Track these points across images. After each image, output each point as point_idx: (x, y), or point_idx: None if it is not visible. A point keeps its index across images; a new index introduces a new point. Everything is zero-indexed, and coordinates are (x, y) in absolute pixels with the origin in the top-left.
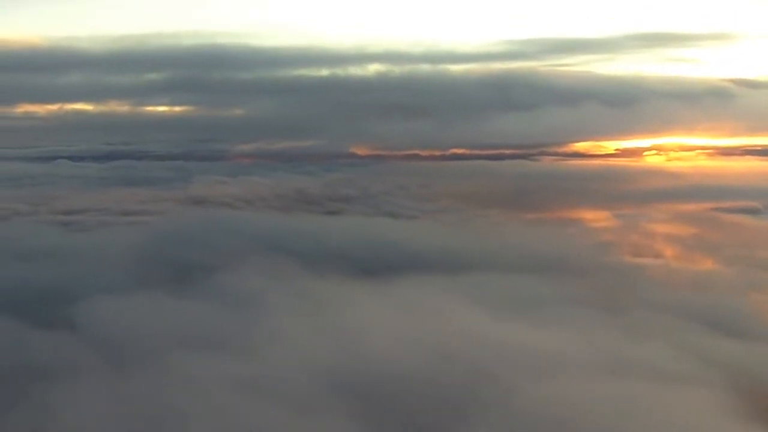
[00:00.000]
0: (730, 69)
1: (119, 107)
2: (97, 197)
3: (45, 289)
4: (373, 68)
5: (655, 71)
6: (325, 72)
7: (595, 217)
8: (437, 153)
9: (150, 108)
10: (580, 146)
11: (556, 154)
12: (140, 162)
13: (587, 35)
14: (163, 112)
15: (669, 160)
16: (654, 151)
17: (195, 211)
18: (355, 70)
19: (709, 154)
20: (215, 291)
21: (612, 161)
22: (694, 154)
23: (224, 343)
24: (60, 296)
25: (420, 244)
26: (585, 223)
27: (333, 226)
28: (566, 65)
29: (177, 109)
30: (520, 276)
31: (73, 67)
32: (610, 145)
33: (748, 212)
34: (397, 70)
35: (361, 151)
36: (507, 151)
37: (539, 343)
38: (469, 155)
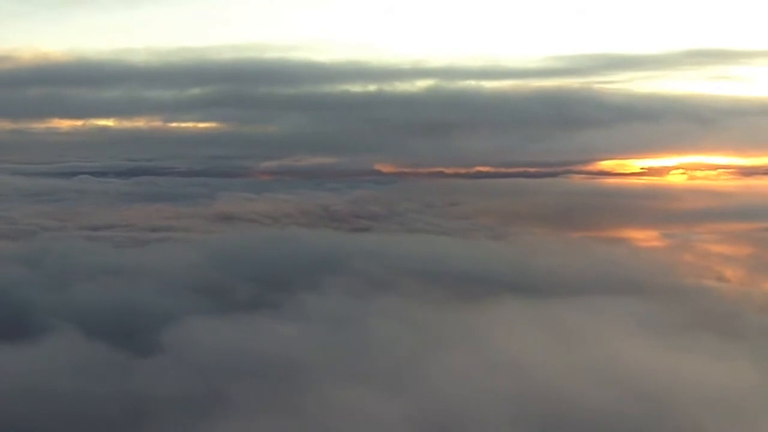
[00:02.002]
0: None
1: (149, 123)
2: (122, 213)
3: (126, 310)
4: (422, 84)
5: (703, 89)
6: (372, 87)
7: (645, 237)
8: (462, 171)
9: (178, 124)
10: (606, 165)
11: (582, 172)
12: (162, 178)
13: (638, 51)
14: (188, 128)
15: (692, 179)
16: (680, 170)
17: (238, 228)
18: (403, 86)
19: (732, 173)
20: (307, 312)
21: (641, 180)
22: (716, 173)
23: (358, 373)
24: (146, 319)
25: (501, 264)
26: (636, 243)
27: (386, 244)
28: (613, 82)
29: (202, 125)
30: (622, 298)
31: (116, 81)
32: (636, 164)
33: None
34: (447, 85)
35: (385, 168)
36: (532, 170)
37: (705, 375)
38: (494, 173)
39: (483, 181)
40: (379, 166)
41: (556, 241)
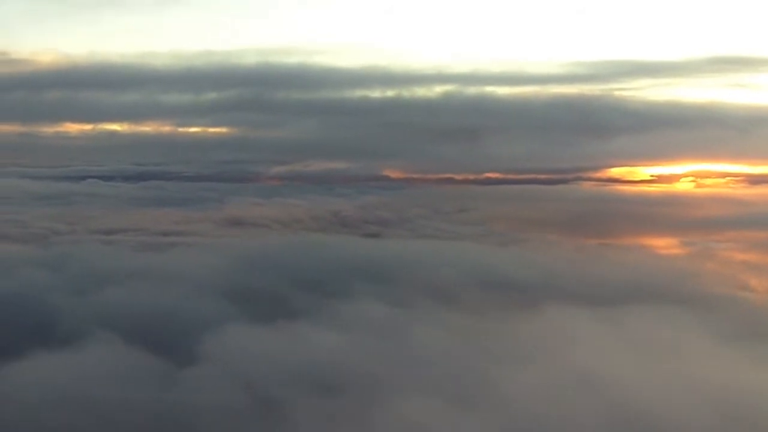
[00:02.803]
0: None
1: (160, 127)
2: (132, 217)
3: (161, 316)
4: (441, 90)
5: (722, 97)
6: (391, 93)
7: (664, 244)
8: (471, 177)
9: (189, 129)
10: (615, 172)
11: (592, 179)
12: (170, 183)
13: (659, 58)
14: (198, 133)
15: (700, 186)
16: (690, 178)
17: (249, 233)
18: (422, 92)
19: (740, 181)
20: (346, 320)
21: (652, 187)
22: (725, 181)
23: (422, 385)
24: (182, 325)
25: (533, 271)
26: (657, 250)
27: (411, 251)
28: (634, 89)
29: (213, 130)
30: (669, 307)
31: (134, 85)
32: (645, 171)
33: None
34: (466, 91)
35: (394, 174)
36: (542, 176)
37: None
38: (504, 179)
39: (492, 187)
40: (388, 172)
41: (576, 248)
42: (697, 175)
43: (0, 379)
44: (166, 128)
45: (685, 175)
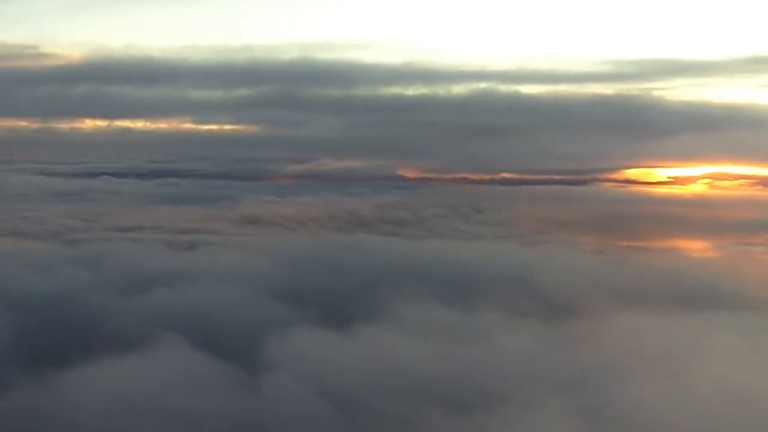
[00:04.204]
0: None
1: (179, 124)
2: (147, 215)
3: (223, 319)
4: (475, 87)
5: (758, 97)
6: (423, 90)
7: (697, 247)
8: (487, 177)
9: (208, 126)
10: (631, 173)
11: (608, 180)
12: (184, 180)
13: (698, 57)
14: (215, 130)
15: (714, 188)
16: (708, 180)
17: (265, 231)
18: (458, 89)
19: (754, 183)
20: (417, 324)
21: (672, 189)
22: (738, 183)
23: (529, 395)
24: (246, 329)
25: (585, 275)
26: (690, 253)
27: (454, 252)
28: (671, 88)
29: (232, 127)
30: (745, 313)
31: (165, 80)
32: (661, 173)
33: None
34: (500, 89)
35: (409, 173)
36: (557, 177)
37: None
38: (520, 180)
39: (509, 188)
40: (404, 172)
41: (613, 250)
42: (714, 177)
43: (68, 385)
44: (186, 125)
45: (702, 177)
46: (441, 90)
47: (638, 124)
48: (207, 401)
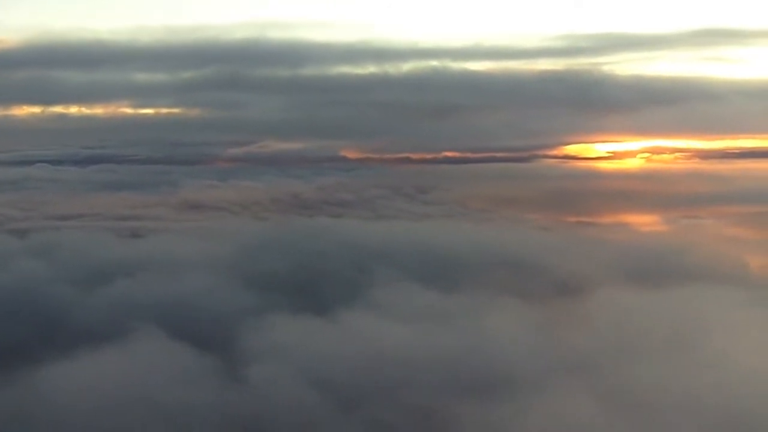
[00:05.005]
0: None
1: (118, 109)
2: (86, 202)
3: (193, 308)
4: (424, 65)
5: (705, 70)
6: (374, 69)
7: (646, 221)
8: (429, 156)
9: (148, 110)
10: (571, 149)
11: (549, 156)
12: (121, 166)
13: (646, 31)
14: (152, 114)
15: (650, 162)
16: (647, 154)
17: (207, 216)
18: (407, 68)
19: (689, 157)
20: (400, 309)
21: (612, 164)
22: (673, 157)
23: (535, 379)
24: (221, 317)
25: (549, 253)
26: (641, 228)
27: (417, 233)
28: (619, 62)
29: (170, 110)
30: (720, 287)
31: (112, 63)
32: (600, 148)
33: None
34: (443, 67)
35: (351, 154)
36: (499, 154)
37: None
38: (462, 159)
39: (451, 166)
40: (345, 152)
41: (563, 226)
42: (652, 151)
43: (45, 384)
44: (125, 109)
45: (640, 152)
46: (392, 69)
47: (587, 100)
48: (195, 394)
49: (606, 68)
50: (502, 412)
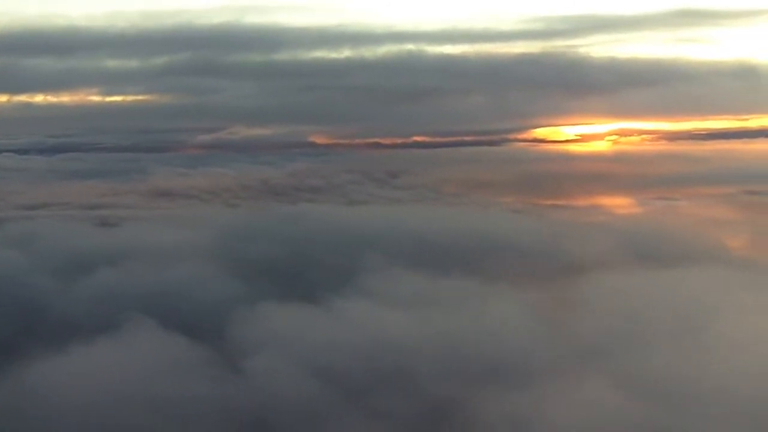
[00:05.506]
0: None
1: (86, 96)
2: (54, 191)
3: (183, 298)
4: (400, 49)
5: (680, 52)
6: (349, 53)
7: (620, 204)
8: (398, 141)
9: (118, 97)
10: (540, 132)
11: (518, 140)
12: (88, 154)
13: (621, 12)
14: (121, 101)
15: (617, 144)
16: (615, 137)
17: (177, 203)
18: (382, 52)
19: (656, 139)
20: (393, 295)
21: (580, 146)
22: (639, 139)
23: (540, 367)
24: (210, 307)
25: (531, 236)
26: (616, 210)
27: (404, 217)
28: (593, 44)
29: (141, 97)
30: (711, 267)
31: (85, 49)
32: (568, 131)
33: None
34: (427, 50)
35: (320, 139)
36: (469, 138)
37: None
38: (432, 143)
39: (421, 151)
40: (314, 138)
41: (539, 210)
42: (619, 134)
43: (36, 378)
44: (93, 97)
45: (608, 134)
46: (367, 53)
47: (563, 82)
48: (194, 387)
49: (582, 50)
50: (519, 400)
